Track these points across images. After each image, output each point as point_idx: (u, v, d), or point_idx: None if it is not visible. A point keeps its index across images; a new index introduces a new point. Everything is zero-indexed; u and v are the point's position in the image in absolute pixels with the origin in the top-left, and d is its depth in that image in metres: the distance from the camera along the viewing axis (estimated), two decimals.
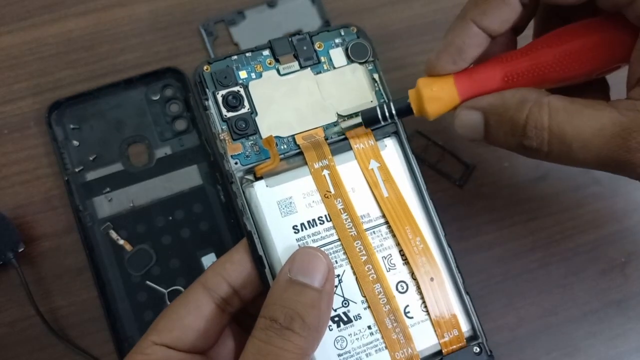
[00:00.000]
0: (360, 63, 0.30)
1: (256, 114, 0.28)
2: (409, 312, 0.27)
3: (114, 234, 0.36)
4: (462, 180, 0.38)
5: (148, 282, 0.35)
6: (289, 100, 0.29)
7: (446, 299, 0.27)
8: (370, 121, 0.28)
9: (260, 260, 0.26)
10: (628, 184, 0.39)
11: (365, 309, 0.27)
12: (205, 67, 0.28)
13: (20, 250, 0.35)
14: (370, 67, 0.30)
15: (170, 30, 0.40)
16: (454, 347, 0.27)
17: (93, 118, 0.37)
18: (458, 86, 0.27)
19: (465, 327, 0.27)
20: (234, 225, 0.36)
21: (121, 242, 0.36)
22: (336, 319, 0.26)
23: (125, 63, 0.39)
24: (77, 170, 0.37)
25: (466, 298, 0.28)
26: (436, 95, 0.27)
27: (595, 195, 0.39)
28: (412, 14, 0.41)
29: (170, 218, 0.36)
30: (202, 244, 0.36)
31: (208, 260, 0.36)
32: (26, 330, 0.35)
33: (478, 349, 0.27)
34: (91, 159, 0.37)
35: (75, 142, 0.37)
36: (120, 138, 0.37)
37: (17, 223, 0.36)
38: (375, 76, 0.30)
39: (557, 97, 0.25)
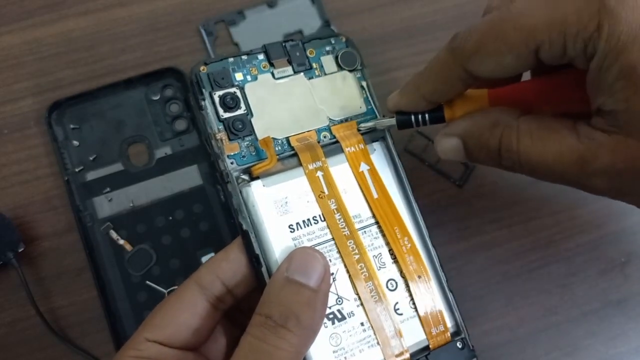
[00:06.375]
0: (349, 70, 0.31)
1: (252, 115, 0.29)
2: (398, 309, 0.28)
3: (114, 234, 0.36)
4: (462, 180, 0.38)
5: (148, 282, 0.35)
6: (283, 103, 0.30)
7: (433, 295, 0.28)
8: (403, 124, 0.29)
9: (257, 258, 0.27)
10: None
11: (358, 306, 0.27)
12: (201, 68, 0.29)
13: (20, 250, 0.35)
14: (358, 75, 0.31)
15: (170, 30, 0.40)
16: (440, 342, 0.28)
17: (93, 118, 0.37)
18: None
19: (449, 322, 0.28)
20: (234, 225, 0.36)
21: (121, 242, 0.36)
22: (331, 316, 0.27)
23: (125, 63, 0.39)
24: (77, 170, 0.37)
25: (450, 295, 0.29)
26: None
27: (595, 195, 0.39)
28: (412, 14, 0.41)
29: (170, 218, 0.36)
30: (202, 244, 0.36)
31: None
32: (26, 330, 0.35)
33: (461, 344, 0.28)
34: (91, 159, 0.37)
35: (75, 142, 0.37)
36: (120, 138, 0.37)
37: (17, 223, 0.36)
38: (364, 84, 0.31)
39: (527, 120, 0.25)
